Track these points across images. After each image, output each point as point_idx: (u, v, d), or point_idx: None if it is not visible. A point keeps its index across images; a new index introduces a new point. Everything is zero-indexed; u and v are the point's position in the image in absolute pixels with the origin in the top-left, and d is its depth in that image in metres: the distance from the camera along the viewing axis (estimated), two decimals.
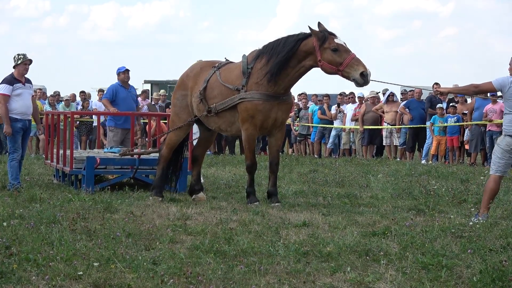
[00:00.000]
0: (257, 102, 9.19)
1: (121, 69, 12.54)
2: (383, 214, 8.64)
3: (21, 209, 8.43)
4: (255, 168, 9.57)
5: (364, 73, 8.81)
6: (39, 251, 6.16)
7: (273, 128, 9.45)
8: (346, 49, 9.00)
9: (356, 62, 8.90)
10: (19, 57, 10.72)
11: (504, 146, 8.43)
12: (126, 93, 12.40)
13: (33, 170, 13.83)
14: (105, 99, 12.55)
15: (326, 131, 20.07)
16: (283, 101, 9.37)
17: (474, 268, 5.82)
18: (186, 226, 7.56)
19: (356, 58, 8.92)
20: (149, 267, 5.75)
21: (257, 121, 9.24)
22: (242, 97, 9.25)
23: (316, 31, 9.08)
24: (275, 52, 9.16)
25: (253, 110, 9.20)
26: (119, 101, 12.33)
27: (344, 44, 9.03)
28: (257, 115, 9.21)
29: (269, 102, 9.21)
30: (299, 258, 6.14)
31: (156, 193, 9.88)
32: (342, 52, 8.98)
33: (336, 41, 9.01)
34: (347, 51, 8.99)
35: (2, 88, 10.58)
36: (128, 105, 12.34)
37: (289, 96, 9.53)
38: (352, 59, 8.90)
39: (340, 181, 12.56)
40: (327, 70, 9.07)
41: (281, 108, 9.36)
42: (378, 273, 5.72)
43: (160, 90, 23.83)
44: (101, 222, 7.62)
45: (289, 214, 8.58)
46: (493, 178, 8.50)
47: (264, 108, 9.19)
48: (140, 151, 11.29)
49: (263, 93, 9.20)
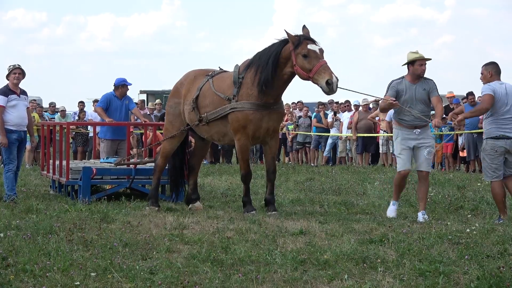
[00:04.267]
0: (247, 112, 9.15)
1: (122, 81, 12.39)
2: (380, 222, 8.64)
3: (17, 220, 8.41)
4: (250, 177, 9.52)
5: (329, 81, 8.60)
6: (36, 261, 6.15)
7: (266, 137, 9.38)
8: (317, 55, 8.80)
9: (324, 69, 8.69)
10: (9, 67, 10.77)
11: (490, 151, 8.71)
12: (119, 104, 12.32)
13: (30, 181, 13.82)
14: (99, 107, 12.45)
15: (322, 139, 20.10)
16: (274, 110, 9.29)
17: (472, 275, 5.82)
18: (183, 236, 7.55)
19: (325, 66, 8.71)
20: (146, 277, 5.74)
21: (249, 131, 9.19)
22: (233, 107, 9.22)
23: (292, 36, 8.94)
24: (262, 61, 9.10)
25: (244, 120, 9.16)
26: (111, 111, 12.25)
27: (317, 50, 8.83)
28: (248, 125, 9.16)
29: (259, 112, 9.14)
30: (296, 266, 6.14)
31: (152, 203, 9.88)
32: (312, 58, 8.79)
33: (308, 47, 8.83)
34: (317, 57, 8.78)
35: None
36: (120, 116, 12.26)
37: (280, 105, 9.43)
38: (320, 66, 8.70)
39: (337, 189, 12.57)
40: (300, 75, 8.92)
41: (272, 117, 9.28)
42: (375, 281, 5.72)
43: (156, 100, 23.82)
44: (98, 232, 7.61)
45: (286, 223, 8.57)
46: (496, 185, 8.73)
47: (255, 118, 9.13)
48: (136, 161, 11.30)
49: (254, 103, 9.14)
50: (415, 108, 8.95)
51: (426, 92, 8.97)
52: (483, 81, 8.95)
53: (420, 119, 8.89)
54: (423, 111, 9.00)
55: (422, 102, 8.98)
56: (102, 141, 12.45)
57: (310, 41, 8.90)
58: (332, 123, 19.97)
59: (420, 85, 9.00)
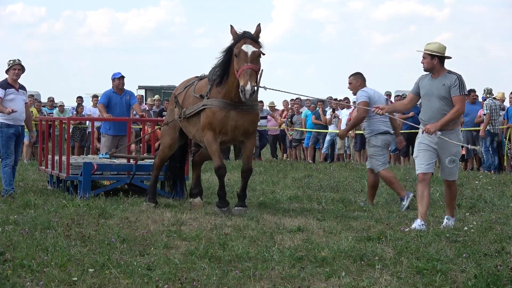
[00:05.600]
0: (214, 109, 9.04)
1: (116, 75, 12.51)
2: (378, 219, 8.64)
3: (15, 215, 8.42)
4: (224, 171, 9.19)
5: (241, 88, 8.45)
6: (34, 257, 6.15)
7: (237, 137, 9.24)
8: (245, 58, 8.54)
9: (243, 74, 8.47)
10: (9, 62, 10.76)
11: (381, 144, 10.02)
12: (118, 100, 12.36)
13: (27, 176, 13.81)
14: (100, 104, 12.54)
15: (320, 136, 20.10)
16: (245, 111, 9.06)
17: (469, 273, 5.82)
18: (181, 232, 7.55)
19: (245, 71, 8.46)
20: (143, 273, 5.74)
21: (215, 127, 9.06)
22: (204, 103, 9.20)
23: (233, 32, 8.83)
24: (222, 57, 9.03)
25: (211, 116, 9.06)
26: (111, 108, 12.31)
27: (249, 52, 8.56)
28: (214, 121, 9.04)
29: (225, 110, 8.98)
30: (294, 263, 6.14)
31: (149, 199, 9.89)
32: (240, 59, 8.59)
33: (242, 47, 8.62)
34: (244, 60, 8.55)
35: None
36: (120, 112, 12.31)
37: (251, 106, 9.07)
38: (242, 70, 8.50)
39: (335, 186, 12.57)
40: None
41: (242, 117, 9.06)
42: (373, 278, 5.72)
43: (154, 95, 23.81)
44: (96, 228, 7.61)
45: (284, 219, 8.58)
46: (384, 172, 9.99)
47: (221, 115, 8.98)
48: (127, 155, 11.33)
49: (221, 100, 9.02)
50: (432, 106, 8.04)
51: (446, 88, 7.96)
52: (352, 90, 10.31)
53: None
54: (441, 109, 7.99)
55: (441, 98, 8.00)
56: (104, 136, 12.53)
57: (248, 41, 8.69)
58: (330, 120, 19.96)
59: (440, 80, 8.05)
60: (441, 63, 8.12)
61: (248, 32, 8.80)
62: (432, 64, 8.08)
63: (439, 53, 8.05)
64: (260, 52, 8.72)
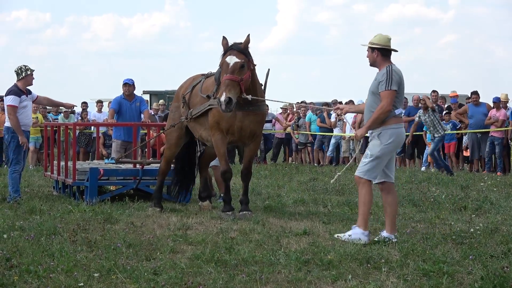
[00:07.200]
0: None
1: (125, 81, 12.55)
2: (384, 222, 8.61)
3: (21, 221, 8.43)
4: (230, 175, 9.30)
5: (217, 100, 8.63)
6: (40, 262, 6.15)
7: (244, 137, 9.27)
8: (226, 69, 8.65)
9: (221, 85, 8.63)
10: (26, 68, 10.69)
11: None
12: (128, 106, 12.43)
13: (33, 182, 13.83)
14: (111, 109, 12.63)
15: (325, 139, 20.10)
16: (251, 111, 9.10)
17: (476, 275, 5.82)
18: (187, 236, 7.55)
19: (223, 82, 8.58)
20: (150, 278, 5.74)
21: (222, 127, 9.10)
22: (210, 103, 9.22)
23: (223, 43, 8.91)
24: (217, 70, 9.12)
25: (218, 116, 9.07)
26: (122, 114, 12.42)
27: (231, 63, 8.63)
28: (221, 121, 9.08)
29: (233, 110, 8.87)
30: (300, 267, 6.13)
31: (155, 204, 9.90)
32: (223, 70, 8.74)
33: (226, 59, 8.72)
34: (225, 71, 8.67)
35: (10, 100, 10.52)
36: (129, 118, 12.38)
37: (257, 107, 9.15)
38: (222, 81, 8.64)
39: (340, 189, 12.56)
40: None
41: (248, 117, 9.11)
42: (379, 281, 5.71)
43: (159, 100, 23.84)
44: (102, 233, 7.61)
45: (290, 223, 8.57)
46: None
47: (227, 115, 8.96)
48: (133, 160, 11.33)
49: None
50: (367, 103, 7.54)
51: (376, 83, 7.40)
52: None
53: None
54: (370, 106, 7.46)
55: (372, 94, 7.46)
56: (114, 141, 12.58)
57: (234, 52, 8.75)
58: (335, 123, 19.95)
59: (377, 75, 7.51)
60: (383, 56, 7.45)
61: (236, 44, 8.86)
62: (373, 57, 7.48)
63: (379, 45, 7.42)
64: (243, 62, 8.71)
